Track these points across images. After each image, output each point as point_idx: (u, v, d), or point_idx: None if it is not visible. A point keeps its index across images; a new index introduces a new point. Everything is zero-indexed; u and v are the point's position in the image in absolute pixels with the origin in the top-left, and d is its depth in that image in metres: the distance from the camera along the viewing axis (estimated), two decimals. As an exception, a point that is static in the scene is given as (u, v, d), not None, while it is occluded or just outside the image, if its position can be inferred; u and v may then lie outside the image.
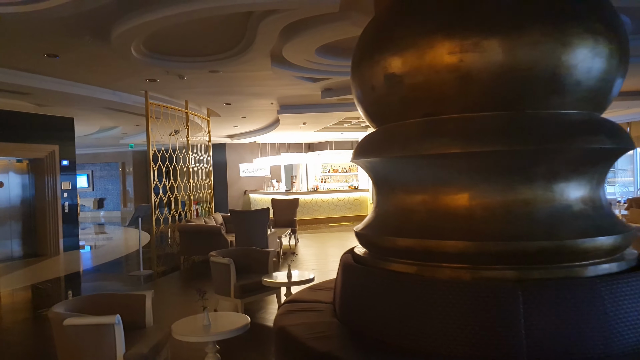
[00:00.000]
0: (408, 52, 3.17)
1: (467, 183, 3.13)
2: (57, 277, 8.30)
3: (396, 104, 3.37)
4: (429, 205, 3.28)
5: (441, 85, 3.09)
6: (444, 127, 3.15)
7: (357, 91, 3.83)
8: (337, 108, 10.44)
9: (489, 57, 2.90)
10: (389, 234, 3.42)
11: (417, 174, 3.35)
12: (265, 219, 8.32)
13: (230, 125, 13.88)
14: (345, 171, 18.35)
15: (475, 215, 3.08)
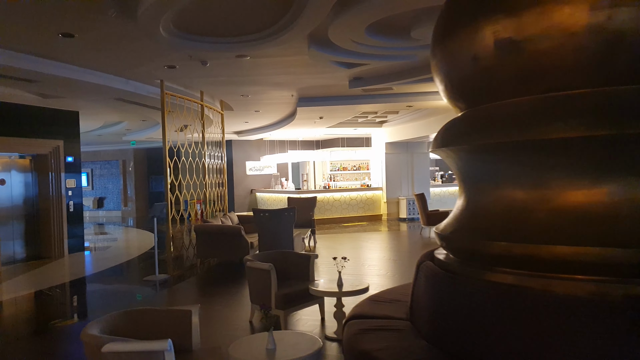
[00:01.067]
0: (530, 11, 2.56)
1: (607, 175, 2.53)
2: (64, 283, 7.64)
3: (509, 77, 2.76)
4: (552, 203, 2.67)
5: (576, 52, 2.48)
6: (577, 104, 2.54)
7: (444, 65, 3.22)
8: (360, 100, 9.83)
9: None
10: (495, 239, 2.81)
11: (534, 164, 2.74)
12: (291, 219, 7.71)
13: (240, 120, 13.25)
14: (355, 169, 17.75)
15: (621, 214, 2.47)
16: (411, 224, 14.19)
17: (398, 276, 7.19)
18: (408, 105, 10.44)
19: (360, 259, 8.97)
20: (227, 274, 7.91)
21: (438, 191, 16.53)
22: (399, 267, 8.01)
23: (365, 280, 6.24)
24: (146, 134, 14.90)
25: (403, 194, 15.42)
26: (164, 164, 7.86)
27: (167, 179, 7.84)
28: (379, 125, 14.72)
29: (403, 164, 15.56)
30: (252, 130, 15.50)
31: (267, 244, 7.74)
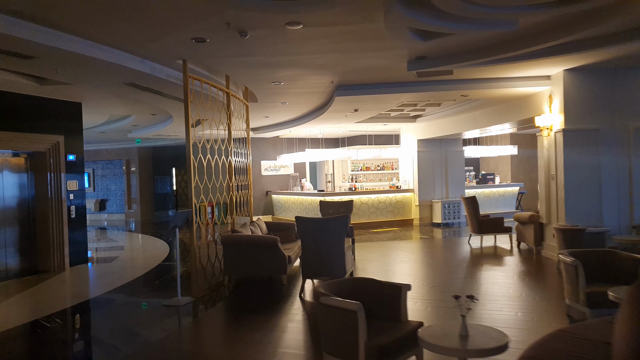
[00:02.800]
0: None
1: None
2: (65, 308, 6.23)
3: None
4: None
5: None
6: None
7: None
8: (409, 87, 8.45)
9: None
10: None
11: None
12: (343, 229, 6.31)
13: (259, 115, 11.84)
14: (379, 169, 16.36)
15: None
16: (447, 230, 12.81)
17: (491, 307, 5.79)
18: (463, 95, 9.05)
19: (417, 278, 7.57)
20: (264, 296, 6.51)
21: (472, 193, 15.13)
22: (484, 295, 6.60)
23: (443, 312, 4.84)
24: (154, 130, 13.48)
25: (437, 197, 14.02)
26: (188, 163, 6.45)
27: (192, 180, 6.43)
28: (412, 120, 13.33)
29: (436, 163, 14.18)
30: (269, 126, 14.08)
31: (313, 259, 6.35)
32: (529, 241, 9.06)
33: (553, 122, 8.14)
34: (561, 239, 7.41)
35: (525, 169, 18.83)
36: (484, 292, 6.37)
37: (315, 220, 6.39)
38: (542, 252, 8.71)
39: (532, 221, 8.80)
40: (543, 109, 8.49)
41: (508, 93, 8.85)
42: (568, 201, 7.81)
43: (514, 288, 6.62)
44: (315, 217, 6.58)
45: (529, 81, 8.26)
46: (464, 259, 8.87)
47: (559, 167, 7.95)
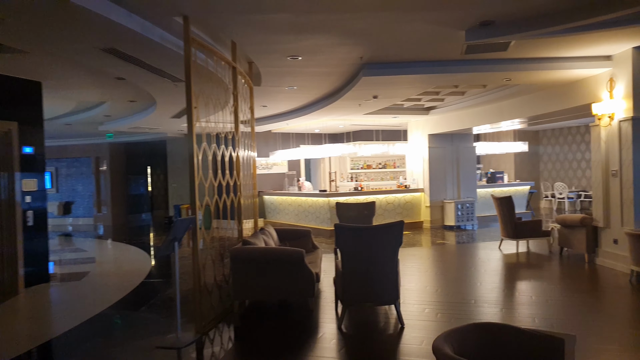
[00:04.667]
0: None
1: None
2: (19, 355, 4.56)
3: None
4: None
5: None
6: None
7: None
8: (452, 67, 7.07)
9: None
10: None
11: None
12: (398, 240, 4.86)
13: (256, 103, 10.28)
14: (381, 167, 15.00)
15: None
16: (462, 234, 11.53)
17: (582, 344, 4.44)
18: (506, 79, 7.73)
19: (459, 296, 6.19)
20: (289, 328, 5.00)
21: (483, 192, 13.94)
22: (557, 322, 5.24)
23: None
24: (132, 122, 11.73)
25: (448, 197, 12.74)
26: (191, 157, 4.87)
27: (194, 178, 4.85)
28: (425, 113, 12.00)
29: (448, 161, 12.89)
30: (265, 118, 12.51)
31: (356, 280, 4.87)
32: (577, 247, 7.82)
33: (615, 110, 6.91)
34: (634, 246, 6.17)
35: (528, 167, 17.85)
36: (550, 316, 5.04)
37: (360, 230, 4.90)
38: (596, 260, 7.47)
39: (584, 224, 7.55)
40: (600, 95, 7.25)
41: (556, 77, 7.58)
42: (638, 202, 6.58)
43: (589, 308, 5.31)
44: (359, 226, 5.10)
45: (585, 62, 7.01)
46: (505, 271, 7.55)
47: (626, 162, 6.72)
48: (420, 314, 5.27)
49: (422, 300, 5.84)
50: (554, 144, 17.43)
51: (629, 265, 6.45)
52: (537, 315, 5.11)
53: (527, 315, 5.13)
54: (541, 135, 17.90)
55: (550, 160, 17.65)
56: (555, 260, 8.00)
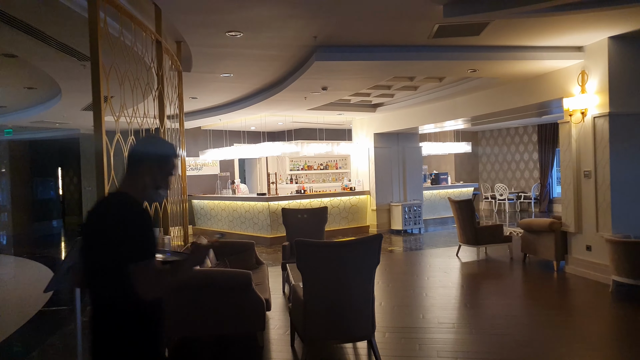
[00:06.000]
0: None
1: None
2: None
3: None
4: None
5: None
6: None
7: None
8: (417, 54, 6.21)
9: None
10: None
11: None
12: (374, 259, 3.83)
13: (185, 95, 8.93)
14: (323, 168, 14.04)
15: None
16: (410, 239, 10.83)
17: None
18: (471, 70, 6.99)
19: (427, 312, 5.32)
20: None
21: (428, 194, 13.40)
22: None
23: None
24: (33, 114, 9.90)
25: (395, 200, 12.01)
26: (99, 155, 3.58)
27: (104, 181, 3.56)
28: (371, 110, 11.17)
29: (394, 161, 12.17)
30: (194, 113, 11.12)
31: (323, 310, 3.80)
32: (543, 254, 7.26)
33: (588, 105, 6.37)
34: (616, 254, 5.61)
35: (468, 168, 17.69)
36: (532, 339, 4.29)
37: (329, 247, 3.82)
38: (565, 268, 6.93)
39: (552, 229, 6.99)
40: (570, 90, 6.71)
41: (524, 69, 6.96)
42: (616, 205, 6.06)
43: (571, 330, 4.63)
44: (327, 242, 4.04)
45: (556, 52, 6.42)
46: (470, 283, 6.83)
47: (602, 162, 6.19)
48: (396, 346, 4.30)
49: (388, 325, 4.88)
50: (493, 145, 17.38)
51: (608, 274, 5.90)
52: (519, 340, 4.31)
53: (511, 342, 4.33)
54: (480, 136, 17.81)
55: (489, 162, 17.58)
56: (521, 269, 7.40)
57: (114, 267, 1.73)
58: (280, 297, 6.23)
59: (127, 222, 1.75)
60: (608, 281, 5.91)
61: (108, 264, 1.75)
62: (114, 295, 1.77)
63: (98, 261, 1.79)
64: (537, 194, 15.51)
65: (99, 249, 1.78)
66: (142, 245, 1.75)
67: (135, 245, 1.73)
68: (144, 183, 1.90)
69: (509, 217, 14.66)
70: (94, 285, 1.83)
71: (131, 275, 1.70)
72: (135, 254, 1.72)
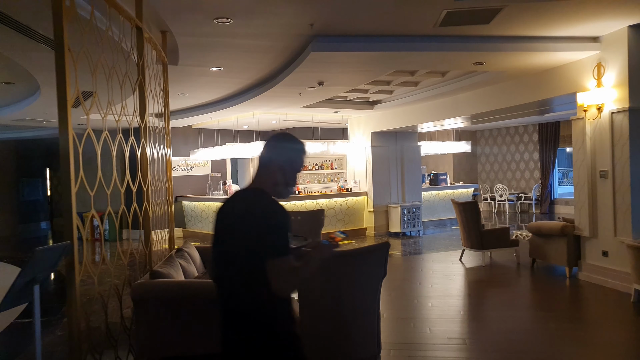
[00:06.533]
0: None
1: None
2: None
3: None
4: None
5: None
6: None
7: None
8: (422, 44, 5.75)
9: None
10: None
11: None
12: (380, 271, 3.37)
13: (173, 91, 8.43)
14: (318, 168, 13.58)
15: None
16: (408, 241, 10.40)
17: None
18: (477, 63, 6.54)
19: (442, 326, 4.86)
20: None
21: (427, 195, 12.96)
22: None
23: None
24: (13, 112, 9.37)
25: (393, 201, 11.56)
26: (64, 151, 3.10)
27: (70, 182, 3.07)
28: (369, 107, 10.71)
29: (392, 161, 11.71)
30: (183, 111, 10.61)
31: (320, 328, 3.34)
32: (553, 259, 6.83)
33: (605, 100, 5.94)
34: (639, 261, 5.18)
35: (466, 168, 17.28)
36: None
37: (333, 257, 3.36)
38: (579, 274, 6.50)
39: (564, 233, 6.56)
40: (584, 84, 6.28)
41: (535, 62, 6.53)
42: (637, 208, 5.63)
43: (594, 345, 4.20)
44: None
45: (570, 43, 5.98)
46: (477, 291, 6.39)
47: (621, 161, 5.75)
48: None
49: (392, 340, 4.42)
50: (492, 144, 16.98)
51: (628, 283, 5.47)
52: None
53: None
54: (479, 136, 17.41)
55: (488, 162, 17.19)
56: (530, 275, 6.96)
57: (251, 261, 1.76)
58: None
59: (271, 218, 1.79)
60: (629, 290, 5.48)
61: (245, 257, 1.78)
62: (247, 288, 1.80)
63: (235, 254, 1.81)
64: (538, 195, 15.12)
65: (237, 242, 1.80)
66: (281, 242, 1.77)
67: (275, 242, 1.76)
68: (275, 180, 1.94)
69: (509, 218, 14.26)
70: (227, 277, 1.85)
71: (268, 270, 1.73)
72: (275, 250, 1.75)
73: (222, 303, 1.89)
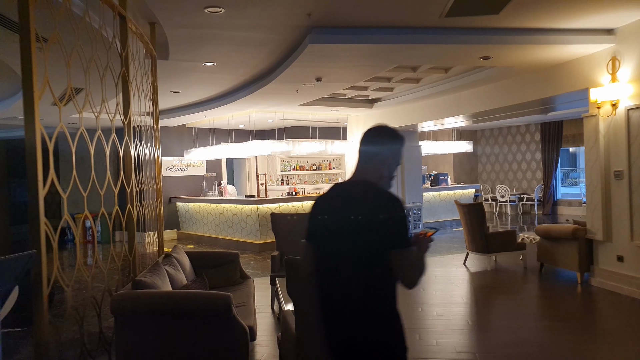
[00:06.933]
0: None
1: None
2: None
3: None
4: None
5: None
6: None
7: None
8: (426, 37, 5.41)
9: None
10: None
11: None
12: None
13: (165, 88, 8.10)
14: (316, 168, 13.23)
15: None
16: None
17: None
18: (484, 57, 6.20)
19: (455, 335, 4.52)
20: None
21: (428, 196, 12.62)
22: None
23: None
24: (0, 109, 9.01)
25: (393, 202, 11.19)
26: (31, 148, 2.78)
27: (36, 182, 2.74)
28: (368, 106, 10.38)
29: (392, 161, 11.35)
30: (176, 109, 10.27)
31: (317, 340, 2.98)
32: (563, 264, 6.49)
33: (620, 96, 5.61)
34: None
35: (467, 168, 16.97)
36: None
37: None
38: (592, 280, 6.17)
39: (575, 237, 6.23)
40: (598, 79, 5.95)
41: (545, 56, 6.20)
42: (654, 210, 5.31)
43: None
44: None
45: (583, 35, 5.65)
46: (485, 298, 6.06)
47: (638, 161, 5.43)
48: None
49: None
50: (493, 144, 16.66)
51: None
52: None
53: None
54: (480, 135, 17.09)
55: (489, 162, 16.87)
56: (539, 281, 6.63)
57: (380, 253, 1.78)
58: (269, 316, 5.40)
59: (398, 210, 1.80)
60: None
61: (374, 249, 1.79)
62: (379, 281, 1.83)
63: (360, 247, 1.81)
64: (540, 196, 14.81)
65: (364, 234, 1.79)
66: (405, 233, 1.79)
67: (400, 233, 1.78)
68: (380, 173, 1.95)
69: (511, 219, 13.94)
70: (357, 272, 1.84)
71: (396, 262, 1.78)
72: (406, 241, 1.78)
73: (352, 299, 1.87)
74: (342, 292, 1.86)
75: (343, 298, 1.87)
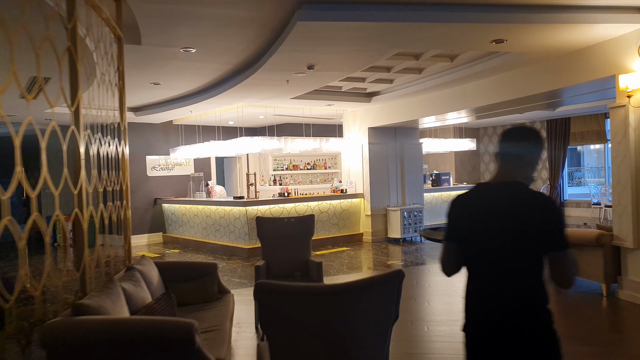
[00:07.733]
0: None
1: None
2: None
3: None
4: None
5: None
6: None
7: None
8: (429, 14, 4.70)
9: None
10: None
11: None
12: (390, 310, 2.31)
13: (145, 80, 7.38)
14: (310, 167, 12.52)
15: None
16: (409, 248, 9.37)
17: None
18: (497, 41, 5.48)
19: None
20: None
21: (429, 197, 11.92)
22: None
23: None
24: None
25: (392, 204, 10.52)
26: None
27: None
28: (366, 100, 9.66)
29: (391, 160, 10.68)
30: (159, 104, 9.54)
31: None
32: (586, 273, 5.79)
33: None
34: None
35: (468, 167, 16.28)
36: None
37: (313, 295, 2.27)
38: (619, 293, 5.47)
39: (600, 244, 5.53)
40: (627, 64, 5.25)
41: (563, 40, 5.50)
42: (695, 213, 4.61)
43: None
44: (309, 287, 2.53)
45: (610, 13, 4.95)
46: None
47: (672, 157, 4.73)
48: None
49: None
50: (496, 142, 15.94)
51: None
52: None
53: None
54: (482, 133, 16.41)
55: (491, 161, 16.17)
56: (557, 293, 5.92)
57: (533, 251, 1.86)
58: (252, 337, 4.68)
59: (560, 212, 1.87)
60: (689, 315, 4.46)
61: (529, 248, 1.86)
62: (540, 281, 1.91)
63: (516, 245, 1.87)
64: (547, 196, 14.11)
65: (521, 234, 1.84)
66: (564, 234, 1.85)
67: (565, 235, 1.85)
68: (526, 174, 1.99)
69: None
70: (522, 272, 1.90)
71: (550, 262, 1.86)
72: (559, 241, 1.84)
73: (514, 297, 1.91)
74: (504, 292, 1.89)
75: (504, 298, 1.89)
